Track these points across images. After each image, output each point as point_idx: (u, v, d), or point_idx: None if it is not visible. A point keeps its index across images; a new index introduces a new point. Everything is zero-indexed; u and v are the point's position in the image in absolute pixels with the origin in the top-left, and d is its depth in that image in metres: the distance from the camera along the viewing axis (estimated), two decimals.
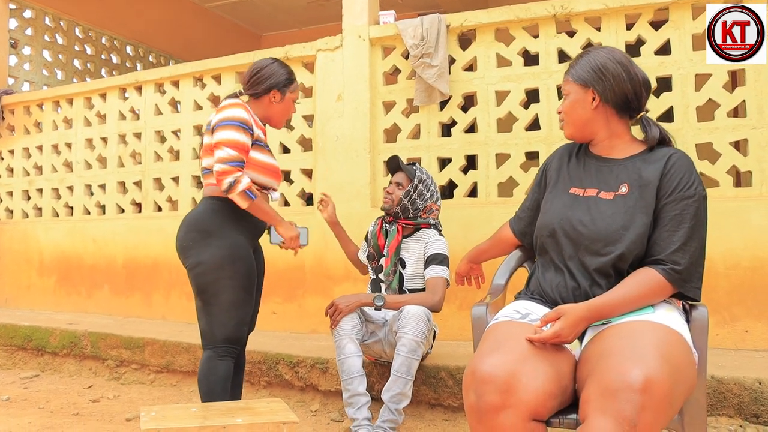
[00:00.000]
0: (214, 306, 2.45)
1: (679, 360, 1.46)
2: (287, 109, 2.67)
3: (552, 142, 3.61)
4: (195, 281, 2.46)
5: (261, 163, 2.53)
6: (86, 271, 5.23)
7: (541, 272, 1.85)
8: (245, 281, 2.47)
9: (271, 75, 2.57)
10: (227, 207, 2.45)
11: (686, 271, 1.65)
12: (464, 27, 3.84)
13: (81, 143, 5.41)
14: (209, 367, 2.44)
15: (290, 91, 2.63)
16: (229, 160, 2.35)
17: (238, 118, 2.41)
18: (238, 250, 2.45)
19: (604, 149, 1.85)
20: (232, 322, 2.45)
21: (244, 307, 2.49)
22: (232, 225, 2.47)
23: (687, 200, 1.67)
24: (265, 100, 2.60)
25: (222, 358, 2.45)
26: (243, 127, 2.41)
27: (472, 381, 1.47)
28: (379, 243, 3.04)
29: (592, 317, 1.61)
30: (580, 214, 1.77)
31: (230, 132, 2.39)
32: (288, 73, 2.63)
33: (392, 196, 2.98)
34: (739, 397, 2.64)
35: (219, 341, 2.45)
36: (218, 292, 2.42)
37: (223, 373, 2.44)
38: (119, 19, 7.24)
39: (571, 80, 1.84)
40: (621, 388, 1.32)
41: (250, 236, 2.57)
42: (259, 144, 2.52)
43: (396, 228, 2.99)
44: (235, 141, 2.38)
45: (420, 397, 3.08)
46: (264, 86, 2.57)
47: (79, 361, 4.33)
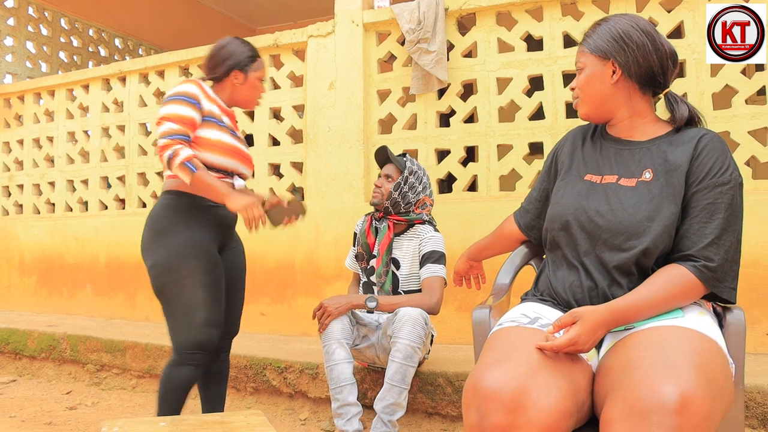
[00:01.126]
0: (173, 308, 2.25)
1: (716, 373, 1.24)
2: (253, 88, 2.45)
3: (557, 132, 3.39)
4: (152, 283, 2.28)
5: (217, 142, 2.28)
6: (68, 271, 5.01)
7: (552, 270, 1.62)
8: (205, 278, 2.24)
9: (229, 55, 2.38)
10: (183, 201, 2.27)
11: (720, 269, 1.42)
12: (463, 10, 3.62)
13: (63, 137, 5.19)
14: (166, 375, 2.26)
15: (253, 70, 2.42)
16: (169, 133, 2.16)
17: (182, 92, 2.23)
18: (194, 247, 2.23)
19: (625, 130, 1.62)
20: (194, 325, 2.23)
21: (207, 308, 2.25)
22: (188, 220, 2.27)
23: (721, 187, 1.44)
24: (227, 83, 2.40)
25: (181, 366, 2.23)
26: (187, 100, 2.22)
27: (474, 397, 1.24)
28: (369, 242, 2.81)
29: (614, 321, 1.38)
30: (598, 203, 1.54)
31: (172, 106, 2.20)
32: (249, 50, 2.42)
33: (381, 190, 2.75)
34: (763, 406, 2.43)
35: (183, 346, 2.24)
36: (175, 294, 2.22)
37: (179, 382, 2.23)
38: (107, 11, 7.04)
39: (587, 51, 1.61)
40: (652, 409, 1.10)
41: (213, 231, 2.34)
42: (213, 120, 2.30)
43: (387, 225, 2.76)
44: (175, 114, 2.19)
45: (416, 406, 2.87)
46: (223, 68, 2.37)
47: (59, 366, 4.12)
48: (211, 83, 2.44)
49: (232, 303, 2.49)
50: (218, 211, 2.35)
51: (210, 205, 2.31)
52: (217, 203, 2.30)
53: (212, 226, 2.34)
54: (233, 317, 2.51)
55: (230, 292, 2.46)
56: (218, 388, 2.51)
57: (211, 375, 2.48)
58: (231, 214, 2.43)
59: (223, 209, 2.33)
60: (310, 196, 3.99)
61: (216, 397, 2.50)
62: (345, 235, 3.66)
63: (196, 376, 2.27)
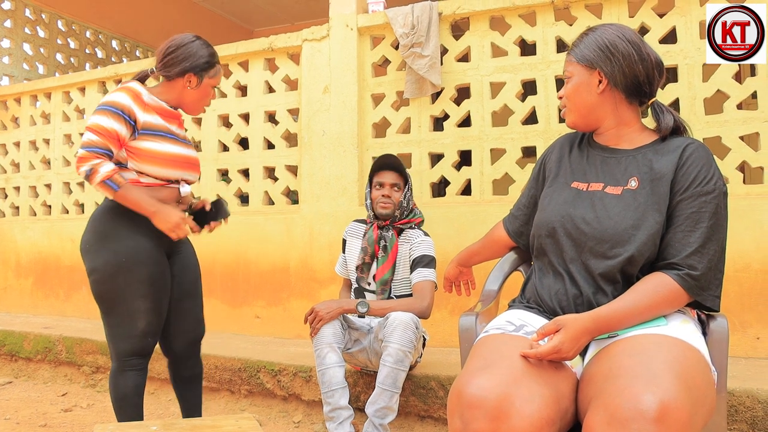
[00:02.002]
0: (113, 317, 2.21)
1: (698, 381, 1.26)
2: (204, 95, 2.34)
3: (550, 137, 3.41)
4: (92, 288, 2.22)
5: (157, 153, 2.19)
6: (64, 273, 5.02)
7: (539, 277, 1.64)
8: (146, 289, 2.18)
9: (188, 56, 2.24)
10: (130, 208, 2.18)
11: (704, 278, 1.44)
12: (457, 15, 3.63)
13: (59, 139, 5.19)
14: (114, 384, 2.24)
15: (209, 77, 2.30)
16: (89, 145, 2.08)
17: (110, 102, 2.12)
18: (137, 254, 2.16)
19: (611, 139, 1.64)
20: (133, 333, 2.20)
21: (147, 318, 2.21)
22: (132, 226, 2.18)
23: (705, 196, 1.46)
24: (178, 84, 2.28)
25: (124, 372, 2.22)
26: (115, 112, 2.10)
27: (458, 404, 1.26)
28: (375, 251, 2.81)
29: (597, 329, 1.40)
30: (584, 211, 1.56)
31: (98, 117, 2.10)
32: (209, 55, 2.29)
33: (392, 200, 2.75)
34: (753, 410, 2.44)
35: (121, 354, 2.22)
36: (115, 302, 2.16)
37: (127, 390, 2.22)
38: (104, 13, 7.04)
39: (574, 61, 1.63)
40: (632, 417, 1.12)
41: (159, 236, 2.22)
42: (152, 133, 2.20)
43: (392, 233, 2.78)
44: (100, 126, 2.09)
45: (409, 409, 2.89)
46: (178, 69, 2.24)
47: (54, 368, 4.13)
48: (160, 79, 2.34)
49: (187, 310, 2.42)
50: None
51: None
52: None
53: (159, 231, 2.21)
54: (192, 323, 2.45)
55: (185, 297, 2.40)
56: (193, 392, 2.50)
57: (182, 381, 2.48)
58: None
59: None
60: (304, 199, 4.00)
61: (192, 401, 2.49)
62: (339, 238, 3.66)
63: (141, 379, 2.25)
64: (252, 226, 4.14)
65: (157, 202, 2.14)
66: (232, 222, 2.51)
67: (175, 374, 2.48)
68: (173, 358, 2.45)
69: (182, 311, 2.40)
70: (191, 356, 2.47)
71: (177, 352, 2.43)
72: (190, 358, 2.46)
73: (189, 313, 2.43)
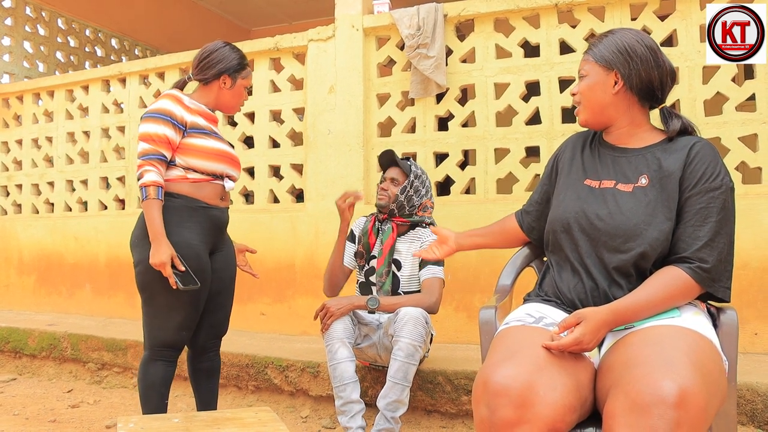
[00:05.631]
0: (152, 307, 2.32)
1: (711, 369, 1.32)
2: (238, 95, 2.50)
3: (553, 137, 3.47)
4: (136, 279, 2.33)
5: (204, 148, 2.35)
6: (67, 270, 5.04)
7: (557, 272, 1.70)
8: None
9: (221, 59, 2.41)
10: (177, 202, 2.30)
11: (715, 270, 1.51)
12: (462, 17, 3.69)
13: (62, 137, 5.22)
14: (143, 372, 2.34)
15: (242, 77, 2.47)
16: (142, 154, 2.25)
17: (156, 109, 2.28)
18: (183, 249, 2.25)
19: (621, 138, 1.70)
20: (169, 326, 2.32)
21: (184, 311, 2.32)
22: (181, 222, 2.29)
23: (713, 192, 1.53)
24: (214, 86, 2.44)
25: (155, 361, 2.33)
26: (162, 117, 2.26)
27: (484, 393, 1.32)
28: (370, 241, 2.87)
29: (616, 321, 1.46)
30: (597, 207, 1.62)
31: (147, 125, 2.27)
32: (239, 57, 2.47)
33: (388, 193, 2.82)
34: (753, 403, 2.51)
35: (155, 344, 2.33)
36: (156, 293, 2.27)
37: (155, 378, 2.32)
38: (104, 11, 7.04)
39: (592, 60, 1.68)
40: (653, 402, 1.18)
41: (205, 234, 2.37)
42: (199, 131, 2.36)
43: (390, 226, 2.83)
44: (149, 134, 2.25)
45: (416, 403, 2.94)
46: (213, 71, 2.41)
47: (59, 364, 4.16)
48: (197, 85, 2.48)
49: (220, 305, 2.52)
50: (212, 213, 2.39)
51: (203, 206, 2.35)
52: (212, 204, 2.37)
53: (205, 227, 2.37)
54: (221, 318, 2.55)
55: (219, 294, 2.49)
56: (209, 386, 2.56)
57: (200, 373, 2.55)
58: (224, 216, 2.48)
59: (217, 210, 2.40)
60: (310, 197, 4.05)
61: (207, 394, 2.56)
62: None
63: (170, 371, 2.35)
64: (257, 224, 4.18)
65: (163, 235, 2.20)
66: (238, 219, 2.55)
67: (194, 366, 2.54)
68: (195, 351, 2.53)
69: (215, 306, 2.49)
70: (212, 350, 2.55)
71: (200, 344, 2.50)
72: (210, 351, 2.54)
73: (221, 309, 2.53)
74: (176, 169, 2.32)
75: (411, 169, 2.83)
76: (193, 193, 2.33)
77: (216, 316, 2.51)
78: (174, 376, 2.41)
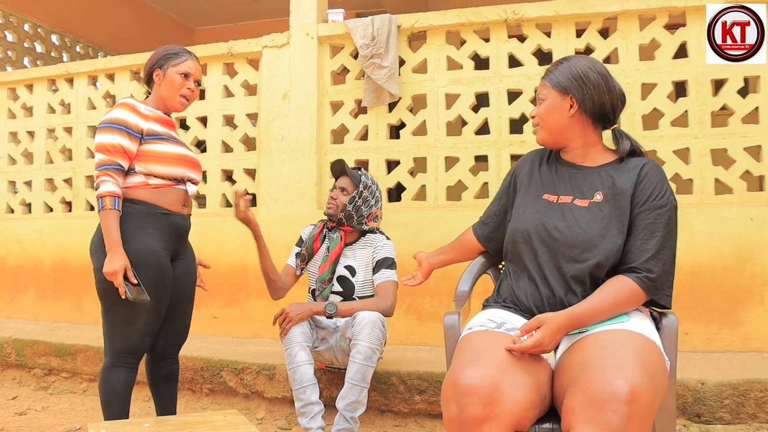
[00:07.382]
0: (114, 314, 2.31)
1: (656, 369, 1.48)
2: (171, 84, 2.40)
3: (501, 147, 3.64)
4: (96, 287, 2.31)
5: (163, 153, 2.35)
6: (9, 274, 4.91)
7: (514, 279, 1.83)
8: (149, 290, 2.24)
9: (152, 57, 2.44)
10: (138, 209, 2.30)
11: (659, 279, 1.67)
12: (415, 28, 3.82)
13: (4, 137, 5.06)
14: (105, 378, 2.33)
15: (172, 65, 2.41)
16: (98, 165, 2.26)
17: (110, 119, 2.28)
18: (144, 256, 2.26)
19: (577, 157, 1.85)
20: (131, 332, 2.31)
21: (146, 318, 2.32)
22: (142, 228, 2.29)
23: (660, 209, 1.69)
24: (154, 87, 2.45)
25: (117, 368, 2.32)
26: (116, 127, 2.26)
27: (454, 393, 1.44)
28: (314, 246, 2.94)
29: (572, 325, 1.61)
30: (556, 220, 1.76)
31: (101, 135, 2.27)
32: (171, 48, 2.46)
33: (336, 202, 2.88)
34: (684, 397, 2.72)
35: (117, 350, 2.33)
36: (117, 300, 2.22)
37: (117, 385, 2.31)
38: (42, 6, 6.81)
39: (549, 85, 1.82)
40: (607, 399, 1.32)
41: (167, 241, 2.37)
42: (156, 137, 2.36)
43: (339, 235, 2.90)
44: (104, 144, 2.26)
45: (370, 403, 3.01)
46: (147, 71, 2.44)
47: (1, 371, 4.06)
48: (148, 94, 2.51)
49: (181, 312, 2.52)
50: (173, 219, 2.39)
51: (165, 212, 2.35)
52: (173, 211, 2.38)
53: (166, 234, 2.37)
54: (182, 326, 2.57)
55: (180, 302, 2.49)
56: (168, 390, 2.58)
57: (160, 379, 2.56)
58: (186, 223, 2.48)
59: (178, 217, 2.41)
60: (263, 202, 4.09)
61: (167, 398, 2.58)
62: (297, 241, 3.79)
63: (132, 377, 2.35)
64: (209, 228, 4.19)
65: (119, 245, 2.20)
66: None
67: (153, 372, 2.55)
68: (154, 357, 2.53)
69: (176, 314, 2.49)
70: (170, 356, 2.56)
71: (160, 351, 2.51)
72: (168, 358, 2.56)
73: (182, 317, 2.53)
74: (137, 176, 2.32)
75: (361, 179, 2.89)
76: (155, 199, 2.33)
77: (177, 324, 2.52)
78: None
